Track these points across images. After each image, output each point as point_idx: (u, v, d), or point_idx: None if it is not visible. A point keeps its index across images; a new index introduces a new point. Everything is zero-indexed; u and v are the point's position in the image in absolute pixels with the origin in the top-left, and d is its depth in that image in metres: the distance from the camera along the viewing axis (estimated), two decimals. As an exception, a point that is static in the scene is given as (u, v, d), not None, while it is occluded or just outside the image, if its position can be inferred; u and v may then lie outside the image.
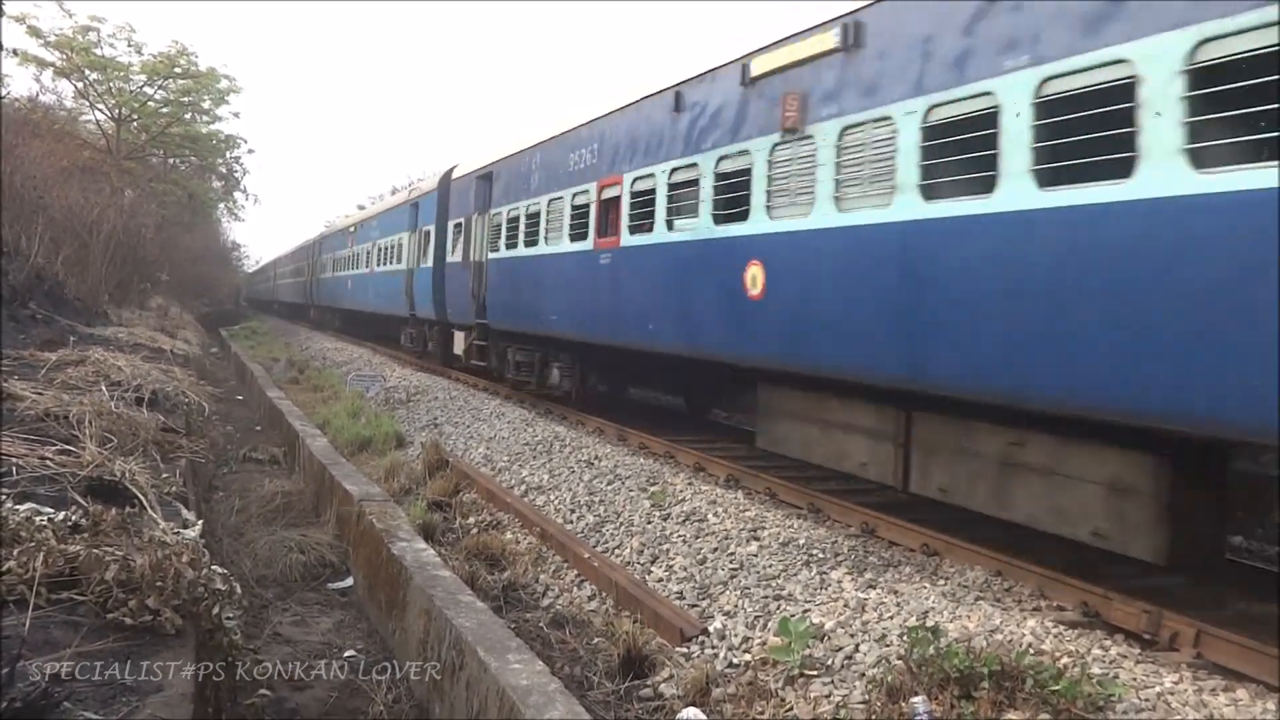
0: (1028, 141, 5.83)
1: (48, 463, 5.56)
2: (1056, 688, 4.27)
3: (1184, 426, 5.15)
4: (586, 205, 12.31)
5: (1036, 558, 6.43)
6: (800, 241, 7.85)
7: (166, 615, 3.60)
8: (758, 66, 8.55)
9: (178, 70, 36.69)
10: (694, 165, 9.64)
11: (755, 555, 7.05)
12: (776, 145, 8.22)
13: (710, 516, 8.02)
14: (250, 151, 53.59)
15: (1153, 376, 5.10)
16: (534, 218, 14.14)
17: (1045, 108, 5.75)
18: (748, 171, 8.65)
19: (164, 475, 6.14)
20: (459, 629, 4.92)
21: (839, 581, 6.38)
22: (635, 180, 10.98)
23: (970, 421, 7.14)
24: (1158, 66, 5.08)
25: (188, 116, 39.64)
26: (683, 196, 9.93)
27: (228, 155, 44.40)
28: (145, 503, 5.00)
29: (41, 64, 33.19)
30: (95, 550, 3.80)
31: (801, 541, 7.19)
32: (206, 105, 39.59)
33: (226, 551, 7.51)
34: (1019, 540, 7.22)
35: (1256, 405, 4.58)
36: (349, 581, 7.52)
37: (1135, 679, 4.73)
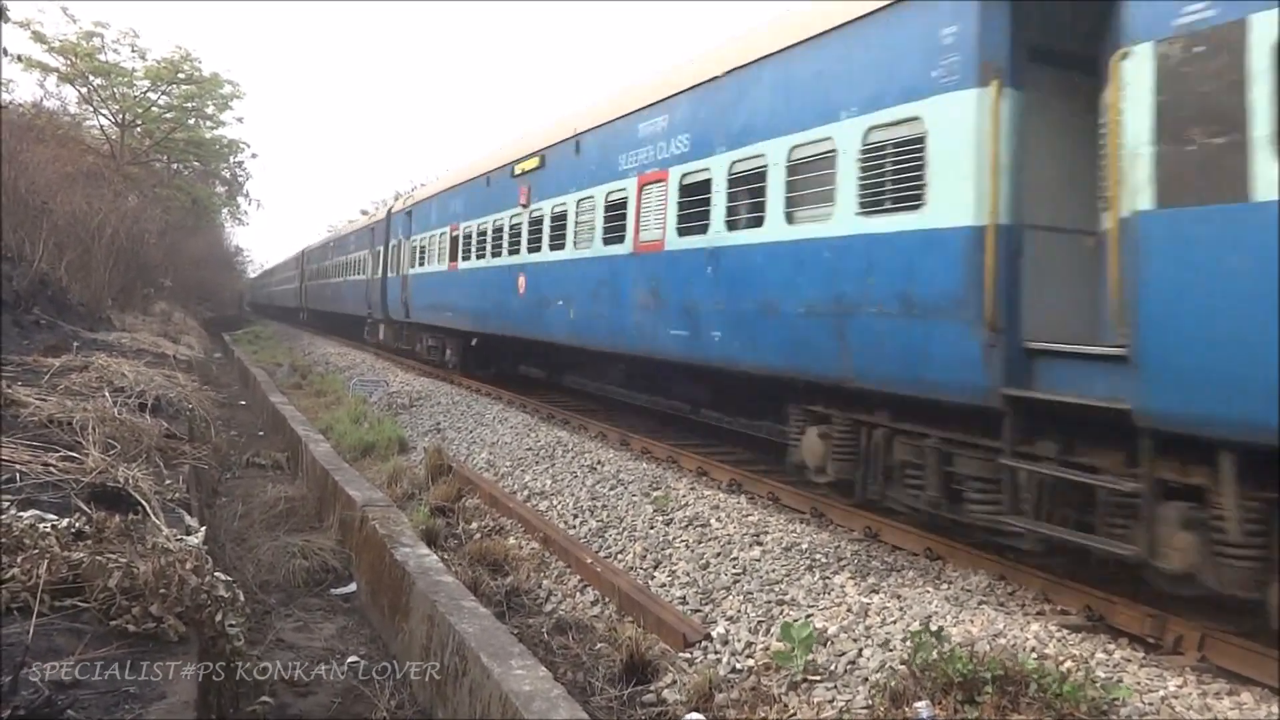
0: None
1: (51, 469, 5.58)
2: (1060, 692, 4.26)
3: None
4: None
5: (1040, 562, 6.41)
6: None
7: (169, 622, 3.61)
8: None
9: (181, 76, 36.84)
10: None
11: (758, 560, 7.04)
12: None
13: (713, 521, 8.02)
14: (254, 156, 53.82)
15: None
16: None
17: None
18: None
19: (167, 481, 6.16)
20: (462, 634, 4.92)
21: (842, 586, 6.38)
22: None
23: None
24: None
25: (191, 122, 39.77)
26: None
27: (231, 160, 44.54)
28: (148, 509, 5.01)
29: (45, 69, 33.33)
30: (98, 557, 3.81)
31: (804, 546, 7.19)
32: (210, 110, 39.74)
33: (229, 557, 7.51)
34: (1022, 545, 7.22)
35: None
36: (352, 587, 7.52)
37: (1139, 683, 4.73)
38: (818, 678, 5.19)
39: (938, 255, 6.52)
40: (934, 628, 5.15)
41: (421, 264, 21.91)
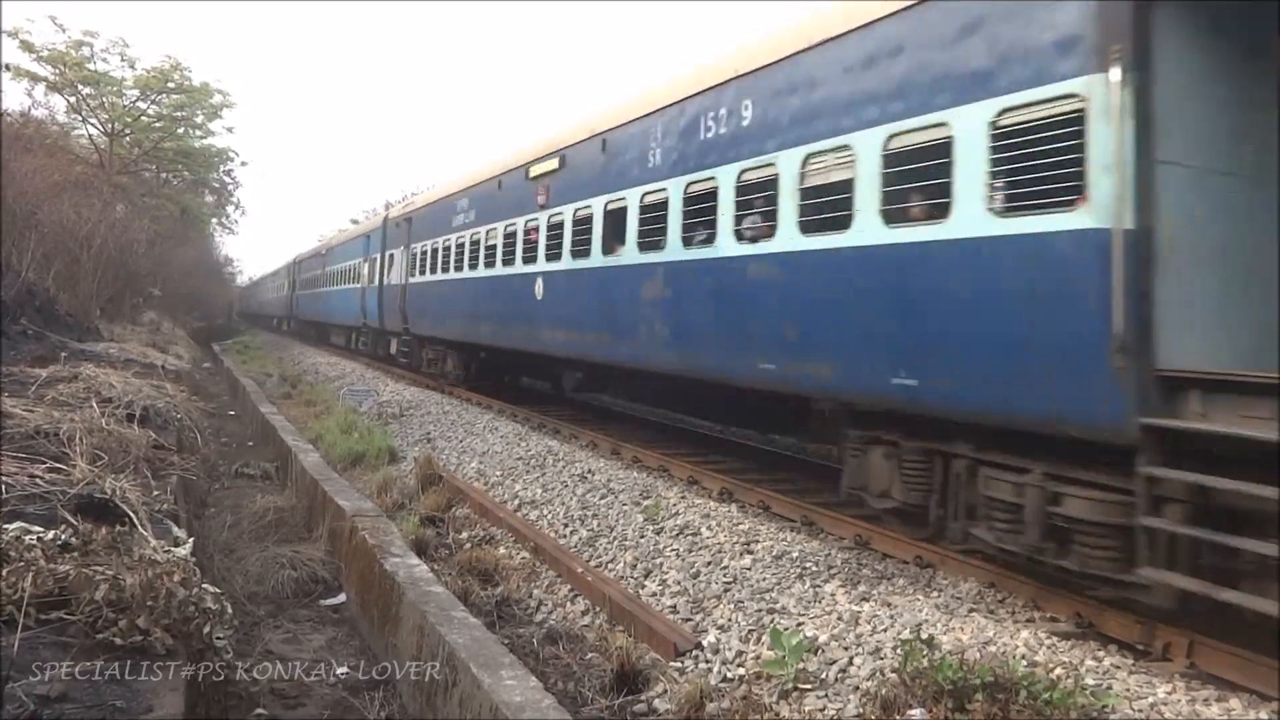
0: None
1: (38, 480, 5.54)
2: (1050, 699, 4.27)
3: None
4: None
5: (1030, 570, 6.43)
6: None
7: (157, 635, 3.58)
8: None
9: (171, 85, 36.72)
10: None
11: (749, 569, 7.04)
12: None
13: (704, 530, 8.01)
14: (243, 164, 53.69)
15: None
16: None
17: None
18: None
19: (155, 492, 6.12)
20: (452, 645, 4.91)
21: (832, 594, 6.38)
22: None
23: None
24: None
25: (180, 131, 39.65)
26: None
27: (220, 170, 44.42)
28: (136, 520, 4.98)
29: (34, 79, 33.21)
30: (85, 570, 3.78)
31: (795, 554, 7.19)
32: (200, 120, 39.61)
33: (218, 569, 7.47)
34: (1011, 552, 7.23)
35: None
36: (341, 598, 7.49)
37: (1129, 690, 4.74)
38: (808, 686, 5.19)
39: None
40: (924, 635, 5.16)
41: (307, 289, 41.77)
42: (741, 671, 5.62)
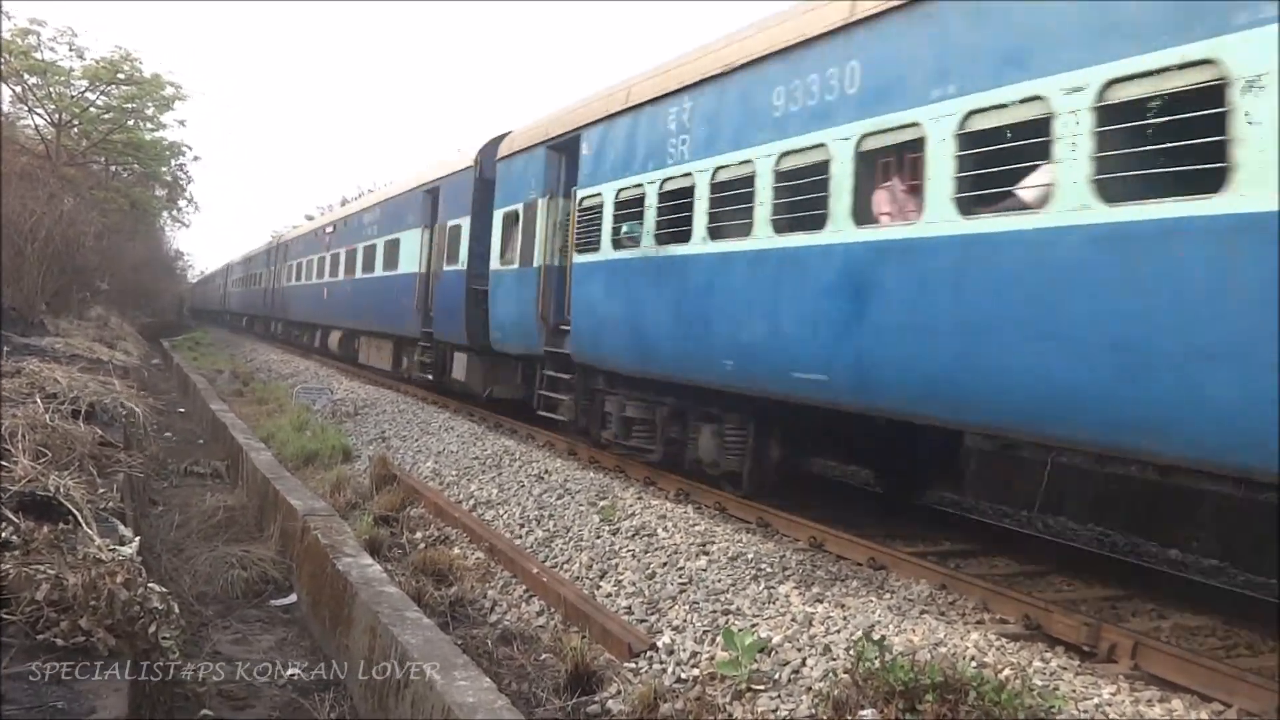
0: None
1: (-23, 477, 5.39)
2: (999, 700, 4.33)
3: None
4: None
5: (981, 572, 6.53)
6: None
7: (99, 636, 3.50)
8: None
9: (121, 76, 35.91)
10: None
11: (704, 570, 7.06)
12: None
13: (660, 531, 8.02)
14: (196, 159, 52.73)
15: None
16: None
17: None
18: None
19: (100, 490, 5.99)
20: (405, 645, 4.86)
21: (787, 596, 6.41)
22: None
23: None
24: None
25: (131, 123, 38.80)
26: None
27: (172, 164, 43.52)
28: (80, 519, 4.87)
29: (-23, 67, 32.29)
30: (26, 569, 3.69)
31: (750, 556, 7.22)
32: (150, 112, 38.79)
33: (165, 568, 7.33)
34: (964, 554, 7.35)
35: None
36: (292, 598, 7.38)
37: (1075, 690, 4.82)
38: (762, 687, 5.22)
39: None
40: (876, 637, 5.21)
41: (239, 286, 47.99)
42: (696, 672, 5.63)
